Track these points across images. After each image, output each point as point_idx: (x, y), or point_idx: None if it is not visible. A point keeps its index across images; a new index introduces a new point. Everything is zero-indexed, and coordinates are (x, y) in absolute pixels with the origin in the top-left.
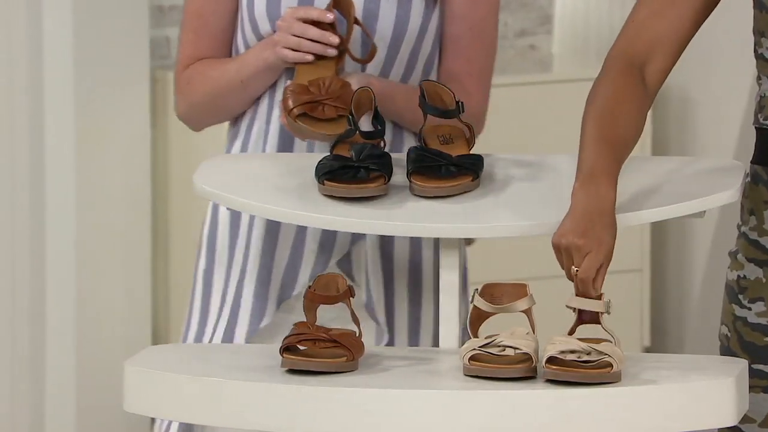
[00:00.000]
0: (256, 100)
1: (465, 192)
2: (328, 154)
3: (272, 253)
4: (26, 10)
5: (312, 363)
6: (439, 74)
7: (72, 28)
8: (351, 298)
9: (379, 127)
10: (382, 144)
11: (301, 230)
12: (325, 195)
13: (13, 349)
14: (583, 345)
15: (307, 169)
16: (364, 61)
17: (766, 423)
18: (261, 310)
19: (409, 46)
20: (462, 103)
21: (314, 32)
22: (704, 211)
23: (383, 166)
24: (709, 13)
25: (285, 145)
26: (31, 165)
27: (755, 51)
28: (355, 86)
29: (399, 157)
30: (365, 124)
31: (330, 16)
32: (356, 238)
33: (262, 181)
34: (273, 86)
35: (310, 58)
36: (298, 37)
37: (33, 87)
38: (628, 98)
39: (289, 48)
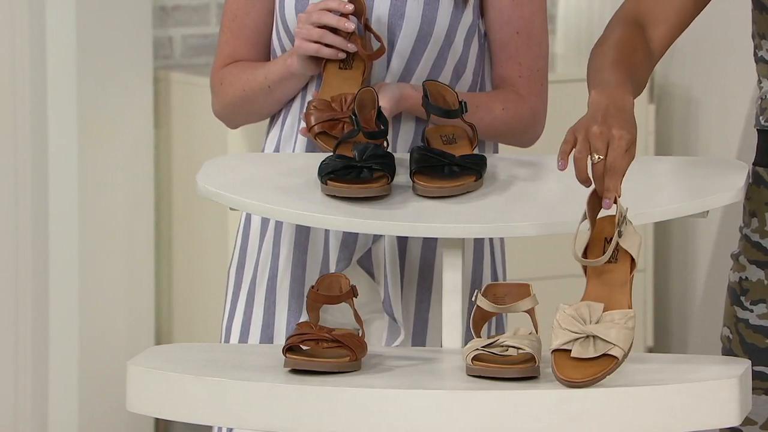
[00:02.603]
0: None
1: (468, 192)
2: (331, 154)
3: (303, 265)
4: (29, 10)
5: (315, 363)
6: (492, 80)
7: (75, 28)
8: (354, 298)
9: (383, 127)
10: (385, 144)
11: (326, 234)
12: (328, 195)
13: (16, 348)
14: (585, 328)
15: (310, 169)
16: (370, 58)
17: None
18: (299, 308)
19: (436, 46)
20: (465, 103)
21: (331, 20)
22: (707, 211)
23: (386, 166)
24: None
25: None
26: (34, 165)
27: (755, 54)
28: (387, 107)
29: (402, 157)
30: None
31: (349, 7)
32: (377, 236)
33: (265, 181)
34: (305, 87)
35: (326, 51)
36: (320, 28)
37: (36, 87)
38: (638, 46)
39: (310, 41)
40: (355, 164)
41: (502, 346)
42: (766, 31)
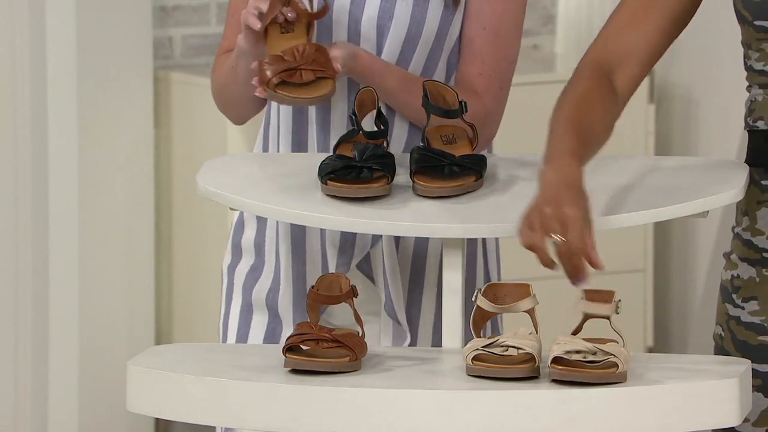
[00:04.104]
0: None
1: (468, 192)
2: (331, 154)
3: (303, 276)
4: (29, 10)
5: (315, 363)
6: (455, 79)
7: (75, 28)
8: (354, 299)
9: (383, 127)
10: (385, 144)
11: (321, 237)
12: (328, 195)
13: (16, 349)
14: (589, 345)
15: (310, 169)
16: (311, 17)
17: (761, 422)
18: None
19: (426, 47)
20: (465, 103)
21: None
22: (707, 211)
23: (386, 166)
24: (683, 27)
25: (298, 129)
26: (34, 165)
27: (744, 63)
28: (340, 55)
29: (402, 157)
30: (368, 123)
31: None
32: (375, 239)
33: (265, 181)
34: None
35: (252, 21)
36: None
37: (36, 87)
38: (597, 100)
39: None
40: (355, 164)
41: (503, 346)
42: (751, 42)
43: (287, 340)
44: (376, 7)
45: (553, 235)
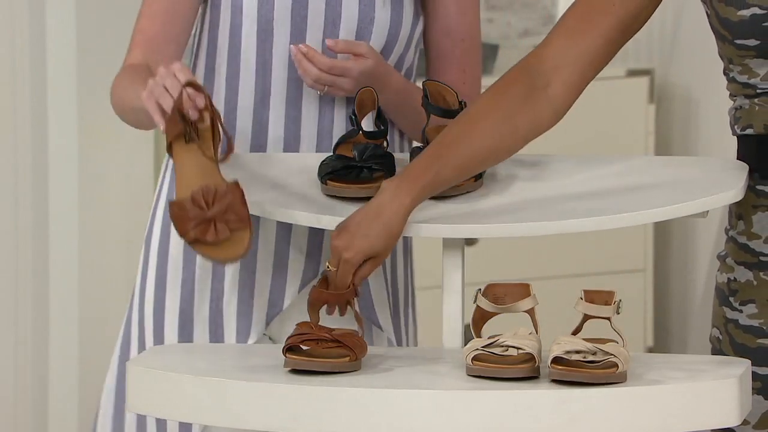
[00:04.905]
0: None
1: (468, 192)
2: (331, 154)
3: (253, 270)
4: (29, 10)
5: (315, 363)
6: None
7: (75, 28)
8: (356, 298)
9: (382, 127)
10: (384, 144)
11: (282, 241)
12: (328, 195)
13: (16, 348)
14: (589, 345)
15: (310, 169)
16: (225, 156)
17: (761, 425)
18: (246, 330)
19: (398, 53)
20: (465, 103)
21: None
22: (707, 211)
23: (386, 167)
24: (631, 34)
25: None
26: (34, 165)
27: (726, 74)
28: (355, 72)
29: (402, 157)
30: (368, 123)
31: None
32: None
33: (264, 181)
34: None
35: (157, 118)
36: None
37: (36, 87)
38: (502, 106)
39: (154, 102)
40: (355, 164)
41: (503, 346)
42: (732, 57)
43: (287, 340)
44: (355, 11)
45: (328, 265)
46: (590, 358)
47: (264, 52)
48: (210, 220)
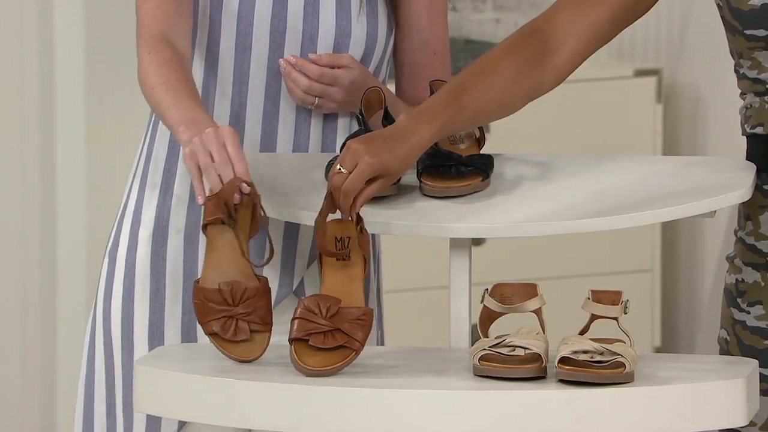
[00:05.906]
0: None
1: (475, 192)
2: (338, 154)
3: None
4: (37, 13)
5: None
6: (405, 101)
7: (83, 30)
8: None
9: None
10: None
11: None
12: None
13: (24, 346)
14: (596, 345)
15: (311, 169)
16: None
17: (767, 426)
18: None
19: (374, 65)
20: None
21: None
22: (715, 211)
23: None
24: (640, 14)
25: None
26: (42, 167)
27: (736, 71)
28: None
29: None
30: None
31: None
32: (311, 259)
33: (271, 180)
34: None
35: (200, 199)
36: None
37: (44, 89)
38: (513, 65)
39: (197, 167)
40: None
41: (510, 346)
42: (742, 51)
43: (292, 324)
44: (332, 26)
45: (339, 165)
46: (597, 358)
47: (242, 65)
48: (233, 317)
